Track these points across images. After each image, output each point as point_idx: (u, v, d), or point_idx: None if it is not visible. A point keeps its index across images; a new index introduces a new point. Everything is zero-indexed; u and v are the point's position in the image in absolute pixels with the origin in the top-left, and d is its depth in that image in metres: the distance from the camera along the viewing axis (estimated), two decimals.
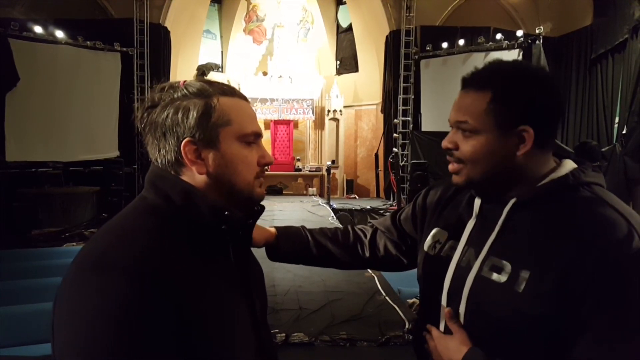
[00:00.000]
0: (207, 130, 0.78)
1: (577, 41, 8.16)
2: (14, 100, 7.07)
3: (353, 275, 4.18)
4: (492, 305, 0.83)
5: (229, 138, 0.80)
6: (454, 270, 0.91)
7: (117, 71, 8.52)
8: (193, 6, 10.69)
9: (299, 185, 11.44)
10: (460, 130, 0.87)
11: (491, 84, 0.84)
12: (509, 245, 0.84)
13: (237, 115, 0.81)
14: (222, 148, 0.79)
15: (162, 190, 0.79)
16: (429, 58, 9.22)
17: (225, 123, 0.79)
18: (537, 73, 0.86)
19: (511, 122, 0.82)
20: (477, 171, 0.86)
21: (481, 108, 0.83)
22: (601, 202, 0.79)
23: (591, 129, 7.80)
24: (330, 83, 11.66)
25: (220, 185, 0.80)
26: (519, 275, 0.79)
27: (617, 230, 0.73)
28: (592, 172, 0.85)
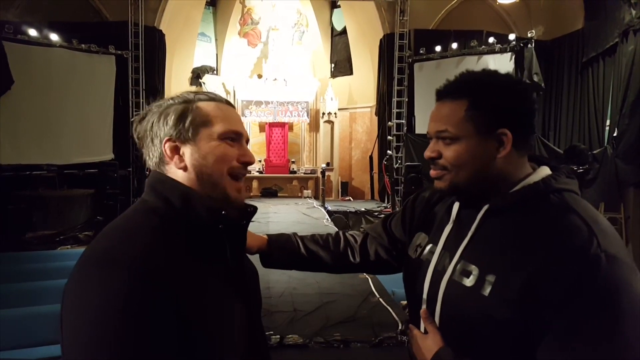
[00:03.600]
0: (184, 129, 0.86)
1: (569, 44, 8.26)
2: (8, 103, 7.05)
3: (347, 277, 4.21)
4: (462, 308, 0.85)
5: (208, 136, 0.86)
6: (431, 274, 0.94)
7: (112, 74, 8.52)
8: (188, 9, 10.70)
9: (294, 188, 11.46)
10: (440, 139, 0.90)
11: (466, 93, 0.87)
12: (479, 250, 0.87)
13: (216, 115, 0.88)
14: (201, 145, 0.86)
15: (161, 194, 0.84)
16: (423, 61, 9.30)
17: (204, 123, 0.86)
18: (509, 79, 0.89)
19: (490, 126, 0.85)
20: (460, 176, 0.88)
21: (459, 116, 0.87)
22: (567, 209, 0.81)
23: (583, 131, 7.88)
24: (325, 86, 11.71)
25: (200, 179, 0.86)
26: (485, 279, 0.82)
27: (578, 236, 0.75)
28: (566, 178, 0.87)
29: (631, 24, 6.29)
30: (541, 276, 0.75)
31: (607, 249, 0.73)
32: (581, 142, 7.77)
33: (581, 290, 0.72)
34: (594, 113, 7.62)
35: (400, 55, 9.44)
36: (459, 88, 0.89)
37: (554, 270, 0.74)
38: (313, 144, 12.00)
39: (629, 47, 6.31)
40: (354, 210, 8.74)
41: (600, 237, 0.75)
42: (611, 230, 0.79)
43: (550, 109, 8.66)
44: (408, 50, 9.45)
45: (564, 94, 8.36)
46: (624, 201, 6.50)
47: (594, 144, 7.43)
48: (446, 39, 9.00)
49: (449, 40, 8.92)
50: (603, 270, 0.72)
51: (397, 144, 9.52)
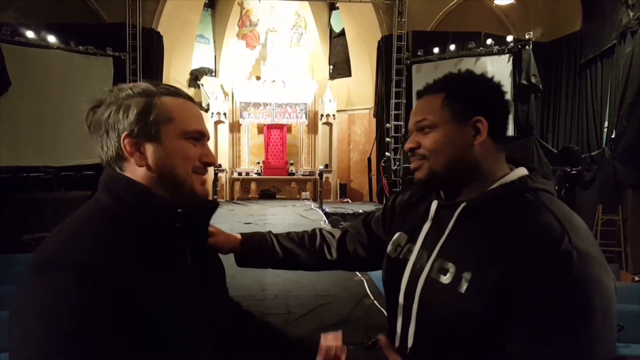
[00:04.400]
0: (147, 126, 0.82)
1: (567, 46, 8.24)
2: (5, 105, 7.05)
3: (342, 279, 4.20)
4: (439, 306, 0.86)
5: (170, 134, 0.84)
6: (409, 272, 0.94)
7: (110, 76, 8.50)
8: (186, 11, 10.71)
9: (292, 190, 11.44)
10: (419, 130, 0.94)
11: (444, 86, 0.93)
12: (455, 248, 0.88)
13: (179, 113, 0.85)
14: (164, 143, 0.83)
15: (114, 192, 0.82)
16: (421, 63, 9.30)
17: (167, 120, 0.84)
18: (483, 75, 0.94)
19: (466, 114, 0.89)
20: (438, 162, 0.91)
21: (437, 105, 0.91)
22: (541, 207, 0.82)
23: (581, 133, 7.86)
24: (324, 87, 11.70)
25: (163, 178, 0.84)
26: (462, 276, 0.83)
27: (550, 233, 0.77)
28: (542, 178, 0.89)
29: (629, 26, 6.28)
30: (513, 272, 0.76)
31: (579, 246, 0.75)
32: (579, 144, 7.76)
33: (552, 286, 0.73)
34: (592, 115, 7.60)
35: (398, 57, 9.44)
36: (436, 84, 0.95)
37: (525, 266, 0.75)
38: (311, 146, 11.99)
39: (627, 48, 6.30)
40: (352, 212, 8.72)
41: (572, 234, 0.76)
42: (584, 228, 0.81)
43: (548, 111, 8.64)
44: (406, 52, 9.45)
45: (562, 95, 8.34)
46: (622, 203, 6.47)
47: (592, 145, 7.41)
48: (444, 41, 9.00)
49: (447, 42, 8.92)
50: (574, 266, 0.73)
51: (395, 145, 9.51)
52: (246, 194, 11.32)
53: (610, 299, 0.75)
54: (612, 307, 0.75)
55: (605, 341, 0.73)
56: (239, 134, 11.83)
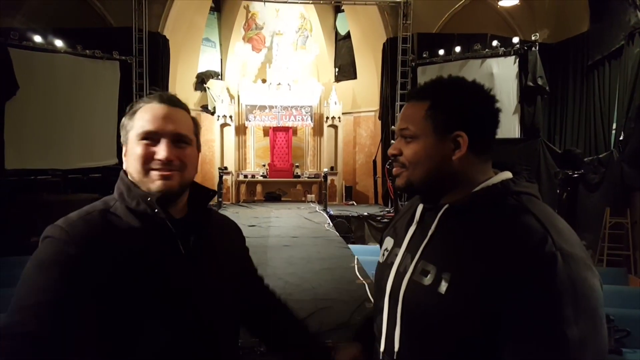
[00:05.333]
0: (124, 132, 0.99)
1: (574, 47, 8.16)
2: (13, 109, 7.14)
3: (344, 283, 4.18)
4: (421, 308, 0.87)
5: (132, 138, 0.97)
6: (394, 275, 0.95)
7: (116, 80, 8.59)
8: (192, 15, 10.78)
9: (297, 192, 11.44)
10: (403, 137, 0.94)
11: (429, 94, 0.92)
12: (437, 250, 0.89)
13: (140, 117, 0.97)
14: (128, 146, 0.98)
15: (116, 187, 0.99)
16: (426, 65, 9.26)
17: (132, 126, 0.97)
18: (473, 85, 0.92)
19: (447, 127, 0.89)
20: (416, 174, 0.92)
21: (420, 115, 0.91)
22: (523, 210, 0.82)
23: (588, 135, 7.77)
24: (329, 90, 11.71)
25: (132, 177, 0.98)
26: (441, 277, 0.84)
27: (532, 235, 0.77)
28: (525, 182, 0.90)
29: (637, 26, 6.22)
30: (496, 274, 0.76)
31: (563, 247, 0.75)
32: (586, 146, 7.67)
33: (537, 288, 0.73)
34: (599, 116, 7.51)
35: (404, 59, 9.41)
36: (424, 90, 0.94)
37: (509, 268, 0.75)
38: (317, 148, 11.99)
39: (635, 49, 6.23)
40: (357, 215, 8.69)
41: (555, 236, 0.76)
42: (568, 230, 0.81)
43: (555, 113, 8.56)
44: (411, 54, 9.41)
45: (569, 97, 8.26)
46: (630, 206, 6.39)
47: (600, 147, 7.32)
48: (449, 43, 8.95)
49: (452, 44, 8.88)
50: (559, 268, 0.73)
51: None
52: (252, 197, 11.34)
53: (598, 300, 0.75)
54: (600, 308, 0.75)
55: (595, 342, 0.73)
56: (245, 136, 11.86)
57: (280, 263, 4.92)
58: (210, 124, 11.78)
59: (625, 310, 3.59)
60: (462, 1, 9.34)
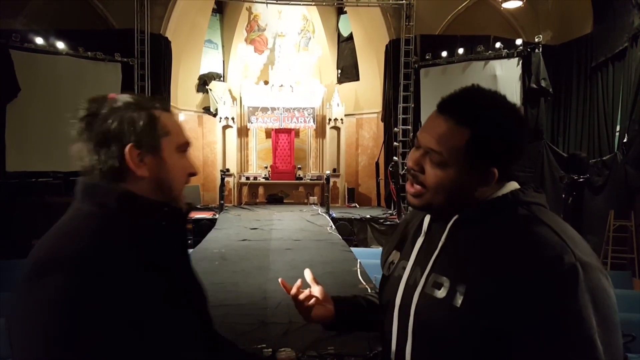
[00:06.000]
0: (150, 138, 0.87)
1: (577, 49, 8.12)
2: (14, 111, 7.14)
3: (346, 287, 4.15)
4: (435, 321, 0.85)
5: (169, 147, 0.90)
6: (403, 289, 0.93)
7: (118, 81, 8.56)
8: (194, 16, 10.78)
9: (300, 194, 11.41)
10: (429, 156, 0.87)
11: (471, 121, 0.84)
12: (449, 261, 0.87)
13: (173, 126, 0.92)
14: (164, 155, 0.89)
15: (96, 199, 0.84)
16: (429, 67, 9.22)
17: (166, 133, 0.89)
18: (514, 113, 0.87)
19: (483, 163, 0.85)
20: (437, 199, 0.88)
21: (459, 144, 0.84)
22: (536, 220, 0.82)
23: (592, 137, 7.73)
24: (331, 92, 11.68)
25: (160, 188, 0.89)
26: (456, 290, 0.82)
27: (551, 247, 0.76)
28: (533, 192, 0.89)
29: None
30: (515, 287, 0.75)
31: (582, 258, 0.75)
32: (590, 148, 7.63)
33: (561, 301, 0.73)
34: (603, 118, 7.47)
35: (406, 60, 9.37)
36: (465, 111, 0.85)
37: (529, 281, 0.74)
38: (319, 150, 11.96)
39: (639, 51, 6.19)
40: (359, 217, 8.65)
41: (573, 247, 0.76)
42: (579, 238, 0.81)
43: (559, 115, 8.51)
44: (414, 55, 9.38)
45: (573, 99, 8.21)
46: (635, 208, 6.33)
47: (604, 150, 7.28)
48: (452, 44, 8.91)
49: (455, 46, 8.84)
50: (580, 279, 0.73)
51: (403, 150, 9.43)
52: (254, 199, 11.31)
53: (614, 308, 0.77)
54: (616, 315, 0.77)
55: (613, 349, 0.74)
56: (247, 138, 11.84)
57: (282, 267, 4.89)
58: (212, 126, 11.77)
59: (630, 315, 3.54)
60: (465, 3, 9.31)
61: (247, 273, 4.64)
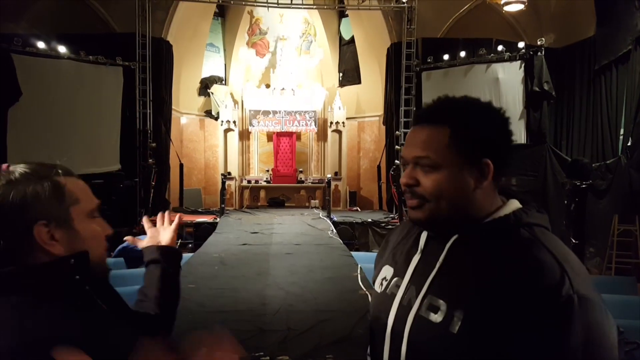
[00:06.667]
0: (59, 210, 0.80)
1: (580, 52, 8.07)
2: (16, 115, 7.14)
3: (346, 293, 4.11)
4: (430, 346, 0.81)
5: (79, 215, 0.83)
6: (396, 309, 0.89)
7: (119, 85, 8.57)
8: (196, 20, 10.79)
9: (301, 197, 11.38)
10: (419, 165, 0.85)
11: (448, 119, 0.84)
12: (447, 284, 0.83)
13: (81, 192, 0.85)
14: (76, 226, 0.82)
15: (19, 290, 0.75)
16: (431, 70, 9.18)
17: (75, 201, 0.82)
18: (490, 107, 0.87)
19: (473, 155, 0.82)
20: (441, 206, 0.84)
21: (443, 143, 0.83)
22: (538, 245, 0.78)
23: (595, 141, 7.67)
24: (333, 95, 11.66)
25: None
26: (454, 315, 0.78)
27: (550, 275, 0.73)
28: (536, 213, 0.85)
29: None
30: (511, 316, 0.73)
31: (579, 290, 0.72)
32: (594, 152, 7.57)
33: (553, 334, 0.70)
34: (607, 122, 7.42)
35: (408, 64, 9.34)
36: (440, 113, 0.86)
37: (525, 310, 0.72)
38: (321, 154, 11.92)
39: None
40: (361, 221, 8.60)
41: (572, 277, 0.73)
42: (581, 268, 0.78)
43: (562, 118, 8.46)
44: (415, 59, 9.35)
45: (576, 102, 8.16)
46: (639, 213, 6.26)
47: (607, 153, 7.22)
48: (454, 47, 8.88)
49: (457, 49, 8.80)
50: (575, 313, 0.70)
51: None
52: (255, 202, 11.29)
53: (611, 346, 0.73)
54: (614, 352, 0.73)
55: None
56: (249, 141, 11.83)
57: (281, 272, 4.85)
58: (214, 129, 11.77)
59: (634, 322, 3.48)
60: (467, 6, 9.29)
61: (246, 279, 4.60)
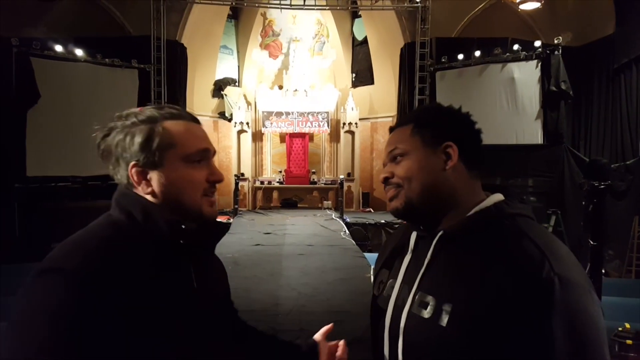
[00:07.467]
0: (150, 153, 0.84)
1: (599, 51, 7.91)
2: (35, 117, 7.29)
3: (359, 294, 4.08)
4: (422, 341, 0.83)
5: (173, 160, 0.85)
6: (392, 310, 0.91)
7: (135, 87, 8.68)
8: (210, 23, 10.87)
9: (314, 199, 11.38)
10: (392, 160, 0.93)
11: (412, 118, 0.96)
12: (434, 280, 0.85)
13: (180, 137, 0.86)
14: (167, 169, 0.84)
15: (124, 208, 0.84)
16: (445, 70, 9.10)
17: (169, 146, 0.85)
18: (450, 106, 0.95)
19: (435, 139, 0.89)
20: (413, 189, 0.89)
21: (407, 134, 0.92)
22: (519, 234, 0.80)
23: (615, 141, 7.51)
24: (346, 96, 11.64)
25: (169, 204, 0.85)
26: (442, 309, 0.80)
27: (530, 260, 0.74)
28: (518, 204, 0.88)
29: None
30: (496, 304, 0.74)
31: (561, 273, 0.72)
32: (613, 152, 7.41)
33: (534, 316, 0.71)
34: (626, 122, 7.25)
35: (422, 64, 9.27)
36: (405, 117, 0.99)
37: (508, 297, 0.73)
38: (334, 155, 11.91)
39: None
40: (374, 222, 8.55)
41: (553, 261, 0.74)
42: (567, 253, 0.78)
43: (580, 118, 8.30)
44: (429, 58, 9.27)
45: (594, 102, 8.00)
46: None
47: (627, 154, 7.06)
48: (469, 47, 8.77)
49: (472, 48, 8.69)
50: (556, 294, 0.71)
51: None
52: (268, 203, 11.32)
53: (598, 330, 0.72)
54: (600, 338, 0.72)
55: None
56: (262, 143, 11.88)
57: (294, 273, 4.85)
58: (227, 131, 11.85)
59: None
60: (482, 5, 9.18)
61: (259, 279, 4.61)
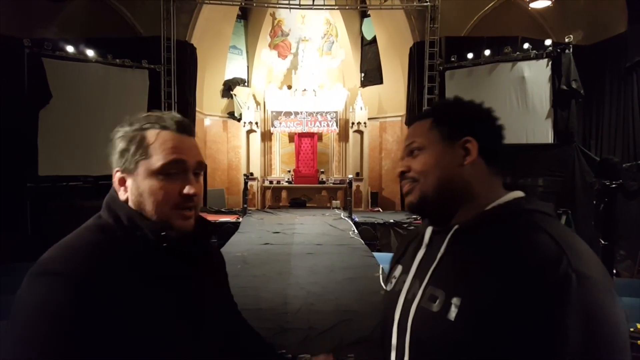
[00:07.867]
0: (127, 161, 0.87)
1: (611, 49, 7.81)
2: (46, 117, 7.38)
3: (367, 294, 4.08)
4: (429, 335, 0.81)
5: (145, 170, 0.86)
6: (402, 304, 0.90)
7: (145, 88, 8.76)
8: (219, 23, 10.93)
9: (322, 198, 11.38)
10: (409, 154, 0.93)
11: (431, 112, 0.95)
12: (445, 274, 0.84)
13: (154, 148, 0.87)
14: (139, 178, 0.87)
15: (113, 211, 0.88)
16: (454, 69, 9.05)
17: (143, 156, 0.86)
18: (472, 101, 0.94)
19: (454, 134, 0.89)
20: (428, 183, 0.88)
21: (425, 128, 0.92)
22: (535, 228, 0.76)
23: (626, 140, 7.41)
24: (355, 95, 11.63)
25: (144, 212, 0.87)
26: (451, 303, 0.78)
27: (546, 254, 0.71)
28: (538, 201, 0.85)
29: None
30: (507, 299, 0.71)
31: (579, 269, 0.69)
32: (624, 152, 7.32)
33: (551, 314, 0.67)
34: (638, 120, 7.16)
35: (431, 63, 9.24)
36: (424, 112, 0.98)
37: (521, 291, 0.70)
38: (342, 154, 11.91)
39: None
40: (382, 222, 8.52)
41: (572, 256, 0.70)
42: (587, 250, 0.75)
43: (591, 118, 8.20)
44: (439, 58, 9.23)
45: (606, 101, 7.90)
46: None
47: (639, 153, 6.97)
48: (478, 46, 8.70)
49: (482, 47, 8.61)
50: (574, 291, 0.67)
51: None
52: (277, 202, 11.35)
53: (618, 329, 0.69)
54: (621, 339, 0.69)
55: None
56: (271, 142, 11.91)
57: (303, 272, 4.86)
58: (236, 131, 11.91)
59: None
60: (492, 4, 9.13)
61: (268, 278, 4.63)
